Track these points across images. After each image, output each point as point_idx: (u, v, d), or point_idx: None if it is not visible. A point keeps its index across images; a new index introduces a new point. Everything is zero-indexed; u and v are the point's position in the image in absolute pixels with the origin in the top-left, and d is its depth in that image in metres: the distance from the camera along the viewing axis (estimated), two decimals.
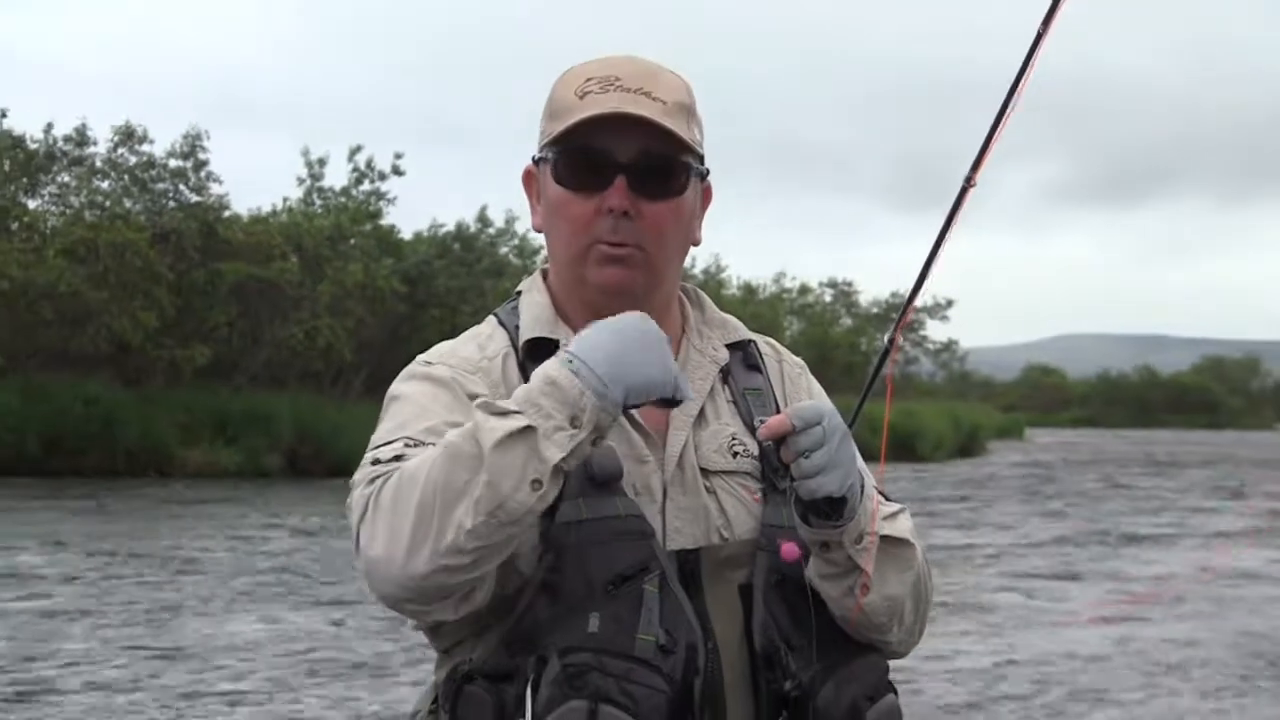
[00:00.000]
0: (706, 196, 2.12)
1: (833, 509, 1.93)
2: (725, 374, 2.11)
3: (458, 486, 1.77)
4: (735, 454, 2.05)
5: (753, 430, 2.06)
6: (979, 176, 2.19)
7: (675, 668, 1.84)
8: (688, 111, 2.03)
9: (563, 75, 2.06)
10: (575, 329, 1.98)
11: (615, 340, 1.84)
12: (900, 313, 2.22)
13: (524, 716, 1.80)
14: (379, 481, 1.85)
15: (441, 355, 2.06)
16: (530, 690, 1.80)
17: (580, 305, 2.05)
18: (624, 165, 1.98)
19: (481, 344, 2.07)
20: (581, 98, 1.99)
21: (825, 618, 1.99)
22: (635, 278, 2.02)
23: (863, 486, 1.96)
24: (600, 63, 2.04)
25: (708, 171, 2.09)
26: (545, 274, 2.14)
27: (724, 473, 2.03)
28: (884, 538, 1.97)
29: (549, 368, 1.83)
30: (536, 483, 1.77)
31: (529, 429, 1.78)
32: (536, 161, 2.08)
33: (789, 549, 1.96)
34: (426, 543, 1.78)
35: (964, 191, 2.19)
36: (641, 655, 1.83)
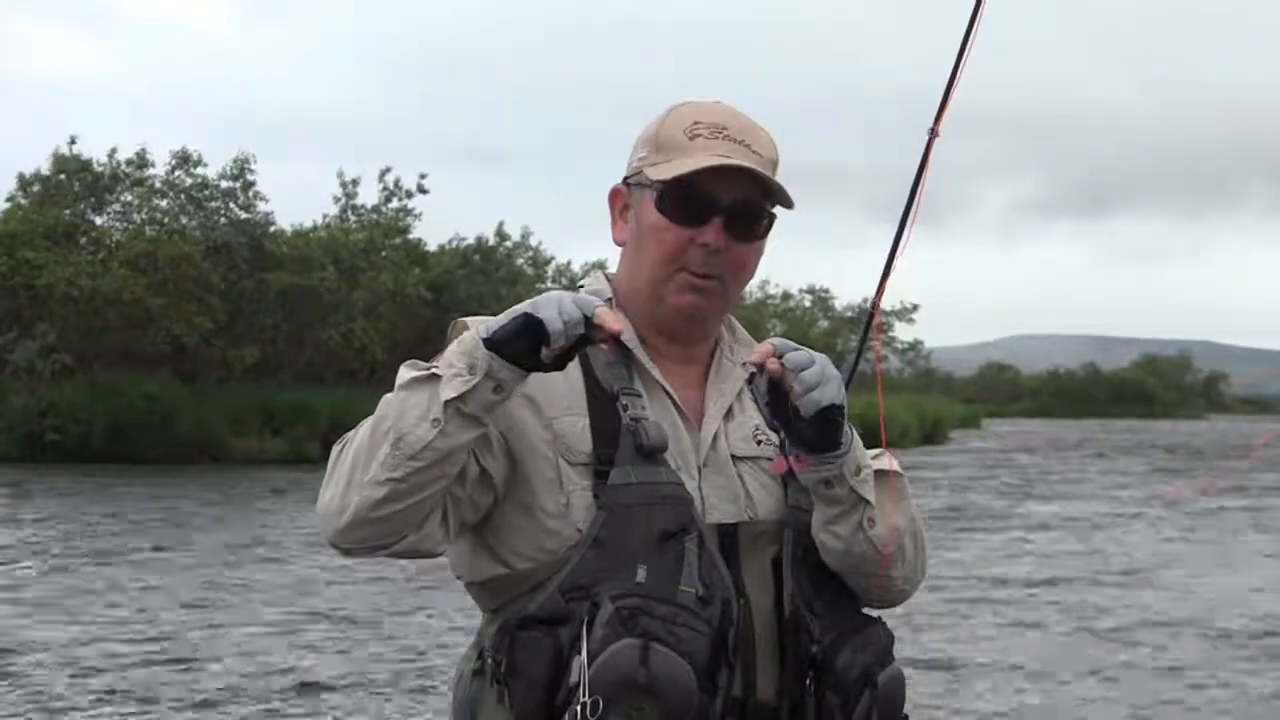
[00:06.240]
0: None
1: (830, 432, 1.93)
2: (751, 380, 2.12)
3: (379, 432, 1.84)
4: (759, 441, 2.08)
5: (773, 425, 2.08)
6: (940, 127, 2.19)
7: (713, 617, 1.87)
8: (775, 166, 2.06)
9: (669, 113, 2.06)
10: (632, 323, 2.04)
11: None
12: (881, 276, 2.20)
13: (579, 654, 1.81)
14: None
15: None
16: (585, 630, 1.82)
17: (645, 315, 2.07)
18: (724, 208, 2.00)
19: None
20: (691, 139, 2.00)
21: (836, 586, 2.03)
22: (709, 306, 2.05)
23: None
24: (705, 109, 2.05)
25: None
26: (608, 277, 2.14)
27: (749, 458, 2.06)
28: (878, 471, 2.01)
29: (467, 334, 1.88)
30: (436, 420, 1.82)
31: (434, 376, 1.84)
32: (628, 183, 2.07)
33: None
34: (354, 488, 1.84)
35: (929, 143, 2.19)
36: (683, 603, 1.85)
